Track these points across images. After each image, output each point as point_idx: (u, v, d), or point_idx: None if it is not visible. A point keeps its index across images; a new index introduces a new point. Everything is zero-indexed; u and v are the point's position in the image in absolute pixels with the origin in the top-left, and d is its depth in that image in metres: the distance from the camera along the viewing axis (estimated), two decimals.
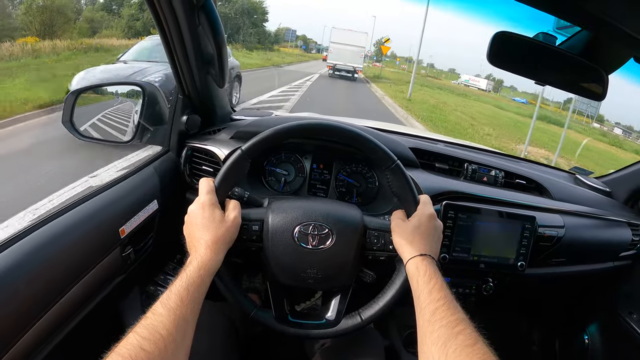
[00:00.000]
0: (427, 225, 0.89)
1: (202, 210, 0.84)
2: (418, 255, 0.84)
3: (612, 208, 1.56)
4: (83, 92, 1.24)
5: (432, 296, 0.76)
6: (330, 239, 0.90)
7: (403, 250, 0.87)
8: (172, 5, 0.95)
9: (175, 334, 0.66)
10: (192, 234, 0.84)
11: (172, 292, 0.71)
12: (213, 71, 1.11)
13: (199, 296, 0.75)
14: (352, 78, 25.33)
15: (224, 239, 0.83)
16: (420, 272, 0.81)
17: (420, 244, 0.86)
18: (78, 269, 0.91)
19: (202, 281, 0.76)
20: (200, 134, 1.30)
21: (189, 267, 0.77)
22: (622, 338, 1.60)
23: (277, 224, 0.91)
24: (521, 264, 1.25)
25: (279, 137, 0.92)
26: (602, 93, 0.95)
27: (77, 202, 0.97)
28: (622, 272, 1.57)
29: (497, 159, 1.55)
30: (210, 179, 0.90)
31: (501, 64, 0.98)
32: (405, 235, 0.88)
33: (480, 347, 0.66)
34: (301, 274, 0.90)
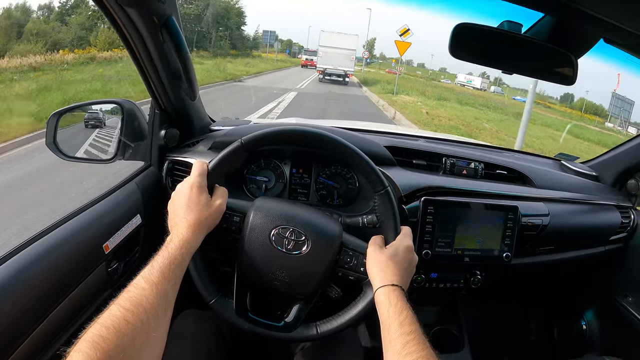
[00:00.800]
0: (403, 257, 0.90)
1: (190, 190, 0.87)
2: (389, 285, 0.84)
3: (599, 192, 1.55)
4: (64, 113, 1.26)
5: (403, 329, 0.75)
6: (305, 247, 0.92)
7: (374, 276, 0.87)
8: (136, 26, 0.96)
9: (158, 307, 0.67)
10: (175, 212, 0.86)
11: (154, 268, 0.72)
12: (183, 85, 1.12)
13: (180, 273, 0.76)
14: (343, 82, 24.32)
15: (206, 222, 0.85)
16: (391, 303, 0.80)
17: (392, 274, 0.86)
18: (63, 286, 0.93)
19: (183, 259, 0.77)
20: (180, 147, 1.31)
21: (171, 244, 0.78)
22: (619, 321, 1.59)
23: (257, 221, 0.93)
24: (507, 255, 1.25)
25: (279, 138, 0.95)
26: (572, 77, 0.94)
27: (59, 222, 0.99)
28: (614, 255, 1.57)
29: (477, 151, 1.54)
30: (204, 162, 0.92)
31: (464, 55, 0.97)
32: (379, 263, 0.88)
33: None
34: (269, 274, 0.92)
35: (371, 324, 1.58)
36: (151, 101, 1.24)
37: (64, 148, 1.24)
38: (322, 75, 24.20)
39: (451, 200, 1.22)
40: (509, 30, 0.92)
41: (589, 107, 45.99)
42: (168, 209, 0.89)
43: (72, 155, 1.28)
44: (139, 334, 0.62)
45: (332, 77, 23.93)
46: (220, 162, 0.92)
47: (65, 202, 3.61)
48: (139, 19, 0.95)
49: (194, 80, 1.11)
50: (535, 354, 1.88)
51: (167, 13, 0.98)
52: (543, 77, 1.04)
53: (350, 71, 25.32)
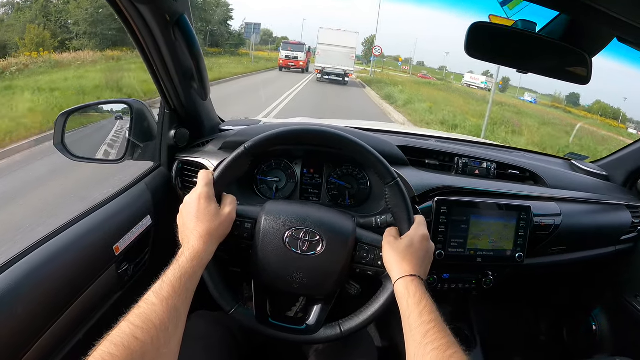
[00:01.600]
0: (419, 246, 0.89)
1: (198, 201, 0.85)
2: (408, 275, 0.83)
3: (610, 192, 1.54)
4: (72, 113, 1.25)
5: (423, 318, 0.75)
6: (320, 246, 0.91)
7: (392, 268, 0.87)
8: (148, 24, 0.95)
9: (168, 323, 0.66)
10: (185, 224, 0.85)
11: (165, 282, 0.72)
12: (195, 85, 1.11)
13: (191, 286, 0.75)
14: (343, 82, 22.93)
15: (217, 232, 0.84)
16: (410, 293, 0.80)
17: (410, 265, 0.85)
18: (74, 288, 0.92)
19: (194, 272, 0.76)
20: (189, 147, 1.30)
21: (182, 257, 0.77)
22: (629, 321, 1.59)
23: (269, 225, 0.92)
24: (519, 255, 1.24)
25: (283, 139, 0.94)
26: (586, 76, 0.94)
27: (69, 223, 0.98)
28: (624, 255, 1.56)
29: (489, 151, 1.54)
30: (209, 171, 0.91)
31: (480, 54, 0.97)
32: (395, 254, 0.88)
33: None
34: (287, 277, 0.91)
35: (383, 325, 1.58)
36: (161, 101, 1.23)
37: (72, 148, 1.24)
38: (320, 75, 23.21)
39: (464, 200, 1.21)
40: (524, 29, 0.91)
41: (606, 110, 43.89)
42: (178, 222, 0.88)
43: (81, 155, 1.27)
44: (149, 351, 0.62)
45: (331, 76, 22.81)
46: (226, 170, 0.91)
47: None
48: (151, 17, 0.94)
49: (205, 80, 1.10)
50: (546, 354, 1.87)
51: (179, 11, 0.97)
52: (557, 77, 1.03)
53: (351, 70, 24.10)
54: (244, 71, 22.60)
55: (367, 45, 72.09)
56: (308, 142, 0.96)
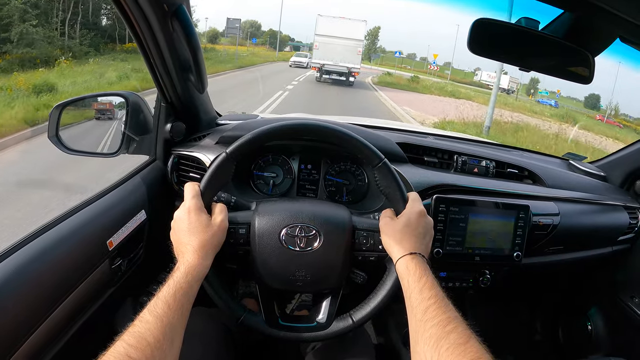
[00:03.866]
0: (417, 223, 0.88)
1: (188, 215, 0.84)
2: (407, 254, 0.83)
3: (607, 192, 1.54)
4: (67, 105, 1.23)
5: (423, 295, 0.75)
6: (318, 241, 0.89)
7: (392, 249, 0.86)
8: (145, 14, 0.94)
9: (163, 341, 0.66)
10: (178, 240, 0.84)
11: (159, 299, 0.71)
12: (192, 77, 1.10)
13: (187, 302, 0.74)
14: (347, 83, 19.30)
15: (211, 243, 0.83)
16: (410, 271, 0.80)
17: (409, 243, 0.85)
18: (67, 283, 0.90)
19: (190, 287, 0.75)
20: (185, 141, 1.29)
21: (177, 272, 0.76)
22: (625, 322, 1.59)
23: (263, 227, 0.91)
24: (517, 254, 1.23)
25: (262, 139, 0.92)
26: (588, 76, 0.93)
27: (63, 217, 0.96)
28: (621, 256, 1.56)
29: (488, 149, 1.53)
30: (195, 183, 0.89)
31: (483, 51, 0.96)
32: (394, 235, 0.87)
33: (473, 344, 0.65)
34: (290, 277, 0.90)
35: (380, 323, 1.57)
36: (157, 94, 1.21)
37: (67, 141, 1.22)
38: (319, 74, 19.54)
39: (463, 199, 1.20)
40: (527, 27, 0.91)
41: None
42: (171, 239, 0.87)
43: (76, 148, 1.26)
44: None
45: (332, 75, 19.03)
46: (210, 179, 0.89)
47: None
48: (148, 7, 0.92)
49: (203, 72, 1.09)
50: (541, 353, 1.87)
51: (177, 1, 0.96)
52: (560, 75, 1.03)
53: (356, 68, 19.49)
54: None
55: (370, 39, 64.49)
56: (289, 136, 0.96)
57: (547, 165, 1.53)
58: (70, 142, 1.23)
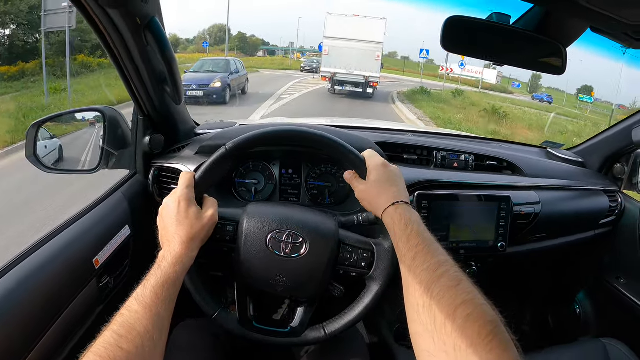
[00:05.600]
0: (385, 174, 0.88)
1: (178, 204, 0.83)
2: (389, 205, 0.83)
3: (586, 178, 1.57)
4: (43, 123, 1.22)
5: (410, 243, 0.75)
6: (303, 249, 0.90)
7: (376, 207, 0.86)
8: (118, 28, 0.93)
9: (153, 331, 0.65)
10: (166, 227, 0.83)
11: (147, 289, 0.70)
12: (168, 89, 1.09)
13: (174, 292, 0.74)
14: (365, 95, 15.76)
15: (198, 236, 0.82)
16: (395, 221, 0.80)
17: (388, 194, 0.85)
18: (55, 306, 0.89)
19: (177, 277, 0.75)
20: (165, 153, 1.28)
21: (164, 262, 0.76)
22: (612, 303, 1.62)
23: (251, 228, 0.91)
24: (501, 245, 1.25)
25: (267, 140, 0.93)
26: (561, 67, 0.95)
27: (46, 239, 0.95)
28: (603, 239, 1.59)
29: (466, 143, 1.55)
30: (190, 173, 0.89)
31: (456, 48, 0.98)
32: (370, 195, 0.87)
33: (464, 286, 0.64)
34: (270, 280, 0.90)
35: (372, 323, 1.58)
36: (134, 107, 1.20)
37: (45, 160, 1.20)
38: (330, 84, 16.09)
39: (444, 194, 1.22)
40: (498, 22, 0.92)
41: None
42: (158, 224, 0.86)
43: (54, 167, 1.24)
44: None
45: (347, 86, 15.70)
46: (207, 172, 0.89)
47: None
48: (120, 21, 0.91)
49: (179, 83, 1.08)
50: (531, 340, 1.89)
51: (150, 13, 0.95)
52: (533, 68, 1.05)
53: (375, 78, 15.83)
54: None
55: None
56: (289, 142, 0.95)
57: (525, 155, 1.56)
58: (48, 160, 1.22)
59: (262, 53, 41.18)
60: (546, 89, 43.76)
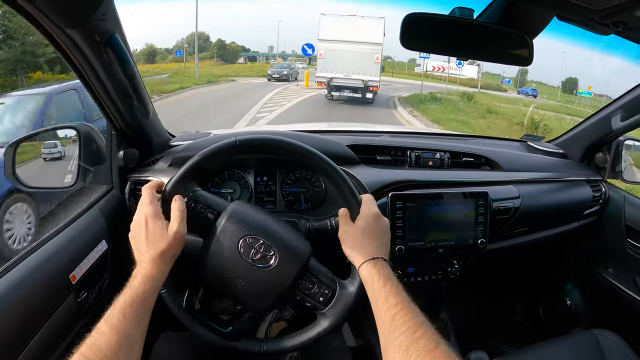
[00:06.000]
0: (374, 226, 0.89)
1: (145, 221, 0.83)
2: (369, 259, 0.83)
3: (568, 169, 1.57)
4: (20, 143, 1.23)
5: (389, 302, 0.76)
6: (272, 261, 0.89)
7: (354, 256, 0.86)
8: (79, 47, 0.94)
9: (120, 352, 0.66)
10: (137, 247, 0.83)
11: (116, 309, 0.71)
12: (135, 103, 1.10)
13: (144, 311, 0.74)
14: (365, 100, 14.74)
15: (168, 252, 0.81)
16: (374, 278, 0.80)
17: (370, 248, 0.85)
18: (33, 323, 0.90)
19: (147, 295, 0.75)
20: (140, 166, 1.29)
21: (134, 281, 0.76)
22: (602, 293, 1.62)
23: (229, 225, 0.90)
24: (481, 241, 1.25)
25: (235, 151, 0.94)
26: (528, 57, 0.93)
27: (23, 256, 0.96)
28: (589, 229, 1.59)
29: (442, 141, 1.55)
30: (153, 186, 0.89)
31: (418, 46, 0.98)
32: (353, 242, 0.87)
33: (441, 349, 0.66)
34: (229, 280, 0.89)
35: (355, 326, 1.58)
36: (106, 123, 1.21)
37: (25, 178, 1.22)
38: (326, 91, 15.00)
39: (419, 193, 1.22)
40: (461, 17, 0.91)
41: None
42: (130, 242, 0.86)
43: (33, 185, 1.26)
44: None
45: (345, 92, 14.67)
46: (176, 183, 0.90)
47: None
48: (80, 40, 0.92)
49: (144, 97, 1.09)
50: (523, 335, 1.89)
51: (109, 30, 0.95)
52: (500, 60, 1.04)
53: (374, 81, 14.73)
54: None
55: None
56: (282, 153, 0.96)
57: (504, 150, 1.55)
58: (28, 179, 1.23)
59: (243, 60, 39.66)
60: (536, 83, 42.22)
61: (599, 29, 0.89)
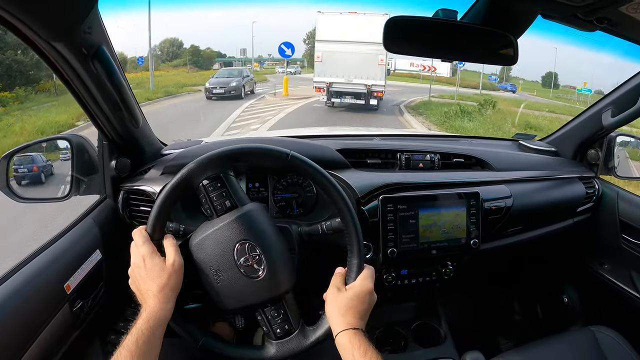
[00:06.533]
0: (363, 299, 0.90)
1: (144, 262, 0.86)
2: (351, 328, 0.85)
3: (560, 166, 1.57)
4: (14, 155, 1.24)
5: None
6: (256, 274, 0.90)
7: (334, 321, 0.88)
8: (67, 60, 0.95)
9: None
10: (138, 287, 0.86)
11: (123, 348, 0.74)
12: (125, 114, 1.11)
13: (150, 349, 0.77)
14: (369, 107, 13.28)
15: (169, 285, 0.84)
16: (354, 346, 0.82)
17: (353, 317, 0.87)
18: (28, 333, 0.91)
19: (152, 332, 0.78)
20: (132, 175, 1.29)
21: (139, 320, 0.79)
22: (598, 290, 1.62)
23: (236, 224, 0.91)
24: (474, 242, 1.25)
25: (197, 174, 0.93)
26: (513, 56, 0.93)
27: (17, 267, 0.97)
28: (584, 226, 1.58)
29: (432, 143, 1.55)
30: (141, 229, 0.90)
31: (402, 49, 0.98)
32: (338, 307, 0.88)
33: None
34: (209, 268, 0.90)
35: None
36: (98, 133, 1.22)
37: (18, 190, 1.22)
38: (327, 97, 13.60)
39: (410, 196, 1.22)
40: (445, 18, 0.91)
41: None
42: (132, 288, 0.89)
43: (27, 196, 1.26)
44: None
45: (346, 98, 13.29)
46: (156, 220, 0.90)
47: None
48: (68, 52, 0.93)
49: (132, 107, 1.09)
50: (521, 334, 1.89)
51: (96, 43, 0.96)
52: (485, 61, 1.05)
53: (379, 86, 13.12)
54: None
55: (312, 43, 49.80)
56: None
57: (495, 150, 1.55)
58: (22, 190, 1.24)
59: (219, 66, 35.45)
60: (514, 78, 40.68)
61: (584, 25, 0.88)
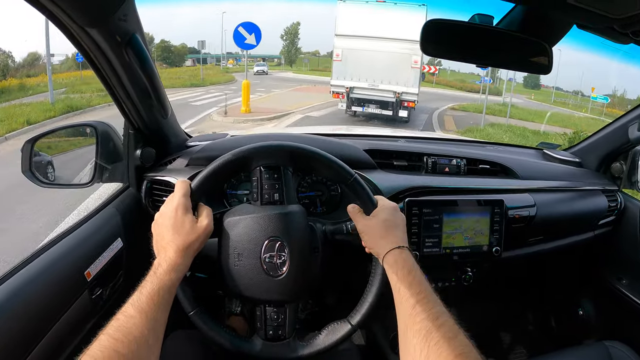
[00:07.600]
0: (395, 216, 0.90)
1: (175, 212, 0.83)
2: (396, 247, 0.84)
3: (584, 178, 1.55)
4: (38, 139, 1.24)
5: (413, 289, 0.76)
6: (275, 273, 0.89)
7: (378, 246, 0.87)
8: (100, 46, 0.94)
9: (148, 335, 0.66)
10: (162, 234, 0.83)
11: (143, 294, 0.71)
12: (154, 103, 1.11)
13: (169, 298, 0.75)
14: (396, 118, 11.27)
15: (193, 246, 0.82)
16: (399, 265, 0.81)
17: (394, 236, 0.86)
18: (47, 318, 0.91)
19: (172, 284, 0.76)
20: (157, 166, 1.29)
21: (159, 269, 0.76)
22: (615, 305, 1.60)
23: (278, 221, 0.90)
24: (496, 249, 1.24)
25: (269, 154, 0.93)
26: (548, 65, 0.93)
27: (38, 252, 0.97)
28: (604, 239, 1.57)
29: (459, 147, 1.54)
30: (186, 181, 0.89)
31: (438, 52, 0.98)
32: (376, 231, 0.88)
33: (461, 339, 0.67)
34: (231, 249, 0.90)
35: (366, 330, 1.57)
36: (124, 121, 1.22)
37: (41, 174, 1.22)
38: (346, 104, 11.63)
39: (435, 200, 1.21)
40: (481, 23, 0.91)
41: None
42: (153, 231, 0.86)
43: (50, 181, 1.26)
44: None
45: (370, 107, 11.30)
46: (205, 180, 0.89)
47: None
48: (101, 39, 0.93)
49: (163, 97, 1.09)
50: (534, 344, 1.87)
51: (130, 30, 0.96)
52: (519, 68, 1.04)
53: (411, 94, 11.07)
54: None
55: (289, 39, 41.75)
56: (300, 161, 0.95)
57: (520, 157, 1.54)
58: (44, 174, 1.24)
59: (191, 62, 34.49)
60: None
61: (619, 37, 0.88)
